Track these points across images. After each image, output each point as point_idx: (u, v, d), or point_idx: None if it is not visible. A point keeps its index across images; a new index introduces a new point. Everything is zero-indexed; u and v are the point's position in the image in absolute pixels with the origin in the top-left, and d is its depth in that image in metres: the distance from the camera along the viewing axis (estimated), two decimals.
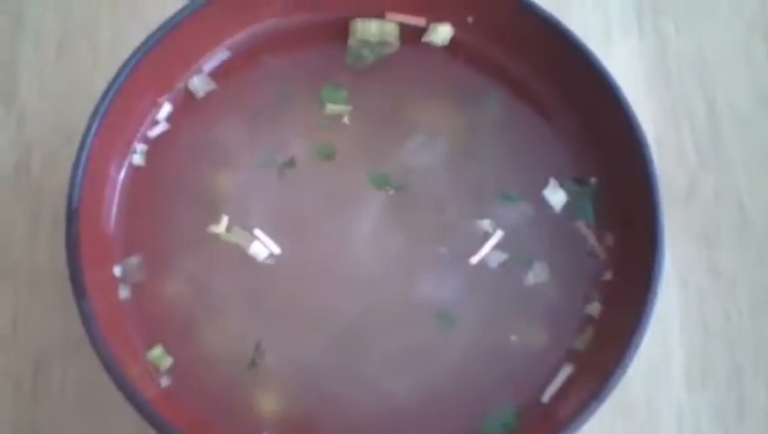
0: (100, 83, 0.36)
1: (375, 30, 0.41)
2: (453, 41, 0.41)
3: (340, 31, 0.41)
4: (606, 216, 0.38)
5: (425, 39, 0.41)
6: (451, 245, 0.38)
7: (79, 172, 0.35)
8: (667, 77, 0.45)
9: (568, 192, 0.39)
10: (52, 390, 0.38)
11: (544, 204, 0.39)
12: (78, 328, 0.33)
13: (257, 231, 0.38)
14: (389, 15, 0.41)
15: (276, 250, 0.37)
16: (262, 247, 0.37)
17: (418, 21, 0.41)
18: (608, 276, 0.37)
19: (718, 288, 0.41)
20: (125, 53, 0.37)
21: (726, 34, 0.46)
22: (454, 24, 0.41)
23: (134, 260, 0.37)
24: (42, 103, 0.43)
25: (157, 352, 0.36)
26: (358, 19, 0.41)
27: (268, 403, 0.36)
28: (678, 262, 0.41)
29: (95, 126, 0.35)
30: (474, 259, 0.37)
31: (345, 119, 0.39)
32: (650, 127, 0.43)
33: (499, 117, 0.40)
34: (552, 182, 0.39)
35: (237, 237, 0.37)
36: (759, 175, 0.43)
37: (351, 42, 0.41)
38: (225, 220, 0.38)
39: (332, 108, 0.39)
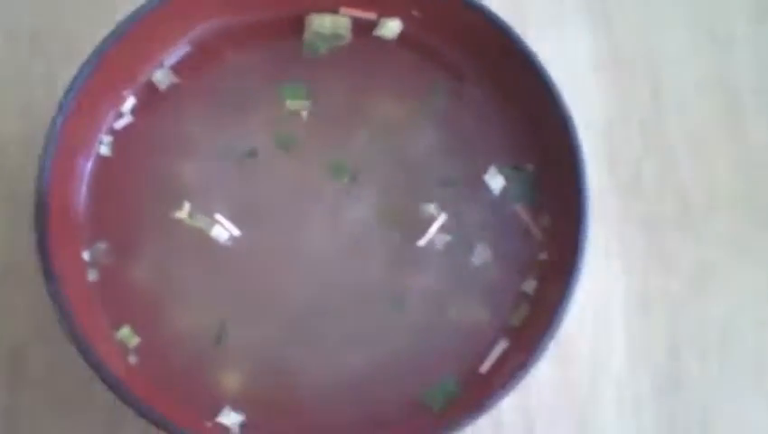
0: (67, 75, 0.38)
1: (329, 23, 0.43)
2: (402, 34, 0.43)
3: (296, 25, 0.43)
4: (542, 200, 0.41)
5: (376, 33, 0.43)
6: (400, 229, 0.40)
7: (48, 162, 0.37)
8: (616, 70, 0.48)
9: (507, 177, 0.41)
10: (27, 376, 0.40)
11: (484, 188, 0.41)
12: (51, 319, 0.36)
13: (218, 216, 0.40)
14: (343, 10, 0.44)
15: (237, 232, 0.40)
16: (223, 230, 0.40)
17: (369, 15, 0.44)
18: (543, 255, 0.40)
19: (661, 268, 0.44)
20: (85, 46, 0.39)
21: (672, 20, 0.48)
22: (403, 19, 0.43)
23: (101, 245, 0.39)
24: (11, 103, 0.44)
25: (125, 331, 0.38)
26: (313, 13, 0.43)
27: (232, 380, 0.38)
28: (623, 244, 0.44)
29: (61, 118, 0.38)
30: (422, 242, 0.40)
31: (304, 114, 0.42)
32: (599, 118, 0.46)
33: (444, 107, 0.43)
34: (492, 168, 0.42)
35: (198, 222, 0.40)
36: (699, 159, 0.46)
37: (307, 35, 0.43)
38: (187, 206, 0.40)
39: (291, 103, 0.42)
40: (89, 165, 0.40)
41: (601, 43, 0.48)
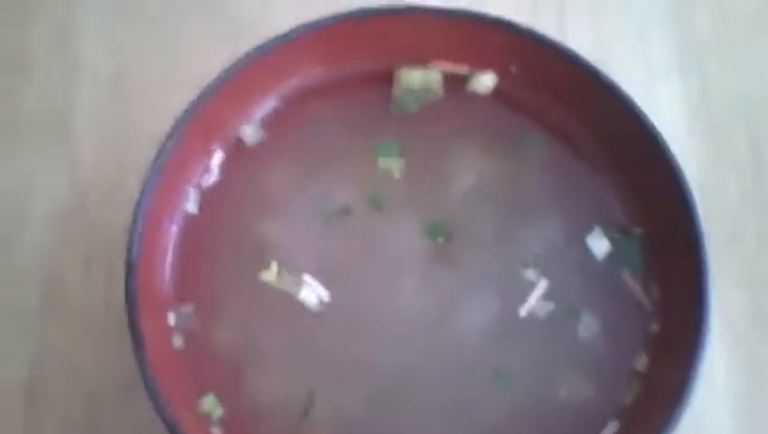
0: (152, 127, 0.38)
1: (419, 78, 0.42)
2: (496, 89, 0.42)
3: (384, 79, 0.42)
4: (652, 267, 0.38)
5: (468, 87, 0.42)
6: (499, 295, 0.38)
7: (138, 225, 0.35)
8: (710, 119, 0.45)
9: (612, 240, 0.39)
10: (104, 431, 0.39)
11: (587, 253, 0.39)
12: (129, 373, 0.34)
13: (307, 277, 0.38)
14: (434, 64, 0.42)
15: (326, 295, 0.38)
16: (312, 293, 0.38)
17: (462, 69, 0.42)
18: (655, 328, 0.37)
19: (764, 335, 0.41)
20: (174, 95, 0.38)
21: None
22: (497, 73, 0.41)
23: (187, 309, 0.37)
24: (97, 144, 0.44)
25: (209, 400, 0.36)
26: (402, 68, 0.41)
27: None
28: (722, 309, 0.41)
29: (153, 177, 0.36)
30: (524, 311, 0.38)
31: (396, 173, 0.40)
32: (692, 171, 0.43)
33: (542, 164, 0.41)
34: (596, 230, 0.39)
35: (286, 283, 0.38)
36: None
37: (396, 90, 0.42)
38: (275, 266, 0.38)
39: (383, 161, 0.40)
40: (176, 224, 0.39)
41: (694, 96, 0.46)
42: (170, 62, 0.46)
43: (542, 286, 0.38)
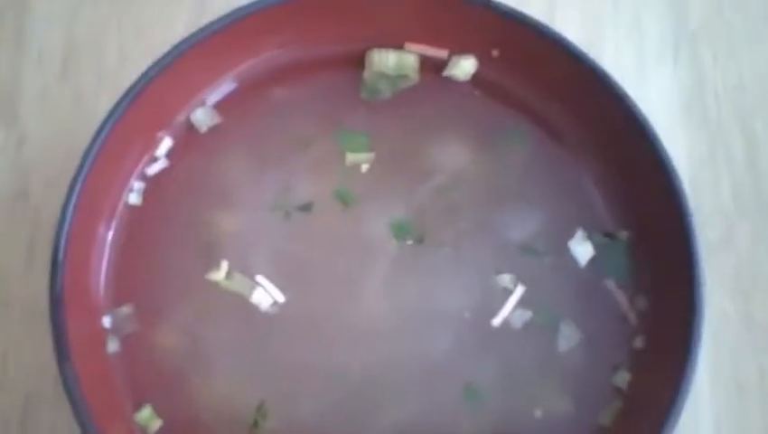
0: (105, 106, 0.34)
1: (393, 62, 0.38)
2: (476, 74, 0.38)
3: (354, 62, 0.38)
4: (639, 275, 0.35)
5: (446, 73, 0.38)
6: (470, 303, 0.35)
7: (66, 221, 0.32)
8: (704, 110, 0.42)
9: (596, 245, 0.36)
10: (42, 430, 0.36)
11: (568, 258, 0.36)
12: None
13: (260, 278, 0.35)
14: (409, 46, 0.38)
15: (281, 298, 0.35)
16: (265, 295, 0.35)
17: (440, 53, 0.38)
18: (639, 343, 0.34)
19: (753, 342, 0.38)
20: (130, 75, 0.34)
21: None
22: (478, 57, 0.38)
23: (125, 310, 0.35)
24: (43, 126, 0.40)
25: (146, 413, 0.33)
26: (375, 50, 0.38)
27: None
28: (709, 314, 0.38)
29: (88, 163, 0.33)
30: (497, 321, 0.34)
31: (364, 166, 0.37)
32: (683, 165, 0.40)
33: (523, 158, 0.37)
34: (579, 233, 0.36)
35: (237, 284, 0.35)
36: None
37: (367, 74, 0.38)
38: (225, 265, 0.35)
39: (351, 155, 0.37)
40: (116, 218, 0.36)
41: (688, 85, 0.42)
42: (123, 41, 0.42)
43: (518, 293, 0.35)
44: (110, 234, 0.35)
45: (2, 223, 0.39)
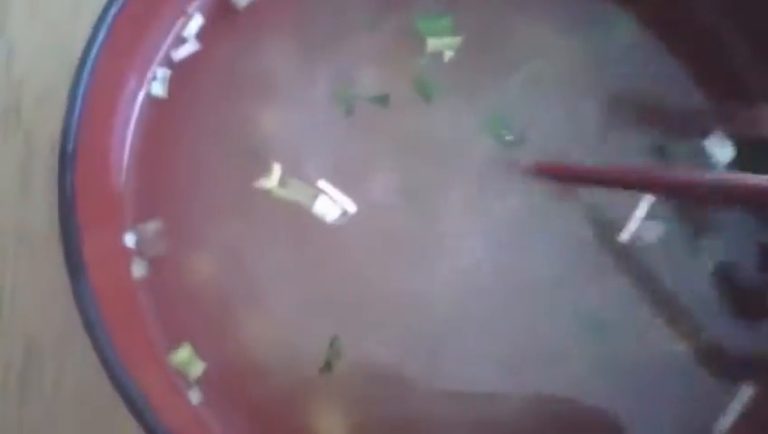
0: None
1: None
2: None
3: None
4: None
5: None
6: (589, 214, 0.29)
7: (77, 104, 0.27)
8: None
9: (740, 147, 0.29)
10: (45, 386, 0.32)
11: (706, 160, 0.29)
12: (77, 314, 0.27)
13: (323, 184, 0.29)
14: None
15: (352, 207, 0.29)
16: (331, 204, 0.29)
17: None
18: None
19: None
20: None
21: None
22: None
23: (152, 226, 0.29)
24: (35, 33, 0.36)
25: (184, 354, 0.28)
26: None
27: (335, 423, 0.28)
28: None
29: (99, 41, 0.27)
30: (625, 235, 0.28)
31: (447, 54, 0.30)
32: None
33: (630, 48, 0.31)
34: (716, 132, 0.29)
35: (295, 192, 0.29)
36: None
37: None
38: (278, 169, 0.29)
39: (434, 42, 0.30)
40: (136, 109, 0.30)
41: None
42: None
43: (646, 203, 0.28)
44: (129, 134, 0.29)
45: None
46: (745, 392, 0.28)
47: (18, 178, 0.34)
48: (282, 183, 0.29)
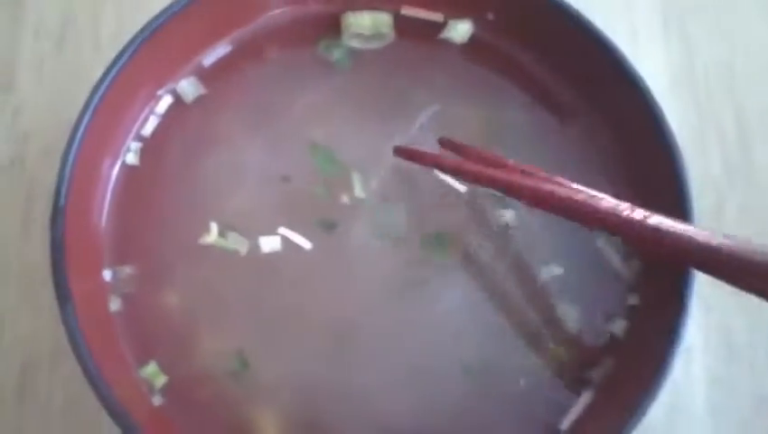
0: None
1: (368, 22, 0.38)
2: (472, 38, 0.38)
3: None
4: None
5: (442, 36, 0.38)
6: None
7: (68, 166, 0.32)
8: (694, 87, 0.43)
9: None
10: (39, 398, 0.36)
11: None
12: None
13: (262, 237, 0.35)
14: (405, 10, 0.39)
15: (307, 245, 0.35)
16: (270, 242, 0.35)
17: (436, 16, 0.39)
18: (634, 300, 0.35)
19: (743, 309, 0.39)
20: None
21: (758, 42, 0.44)
22: (474, 21, 0.38)
23: (126, 269, 0.35)
24: (40, 95, 0.40)
25: (151, 369, 0.33)
26: (349, 12, 0.38)
27: (264, 420, 0.33)
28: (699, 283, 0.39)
29: (87, 117, 0.33)
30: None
31: None
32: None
33: (519, 122, 0.38)
34: None
35: (232, 242, 0.35)
36: None
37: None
38: (215, 227, 0.35)
39: None
40: (115, 173, 0.35)
41: (678, 62, 0.43)
42: (120, 11, 0.42)
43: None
44: (109, 193, 0.35)
45: None
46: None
47: (21, 219, 0.38)
48: (221, 234, 0.35)
